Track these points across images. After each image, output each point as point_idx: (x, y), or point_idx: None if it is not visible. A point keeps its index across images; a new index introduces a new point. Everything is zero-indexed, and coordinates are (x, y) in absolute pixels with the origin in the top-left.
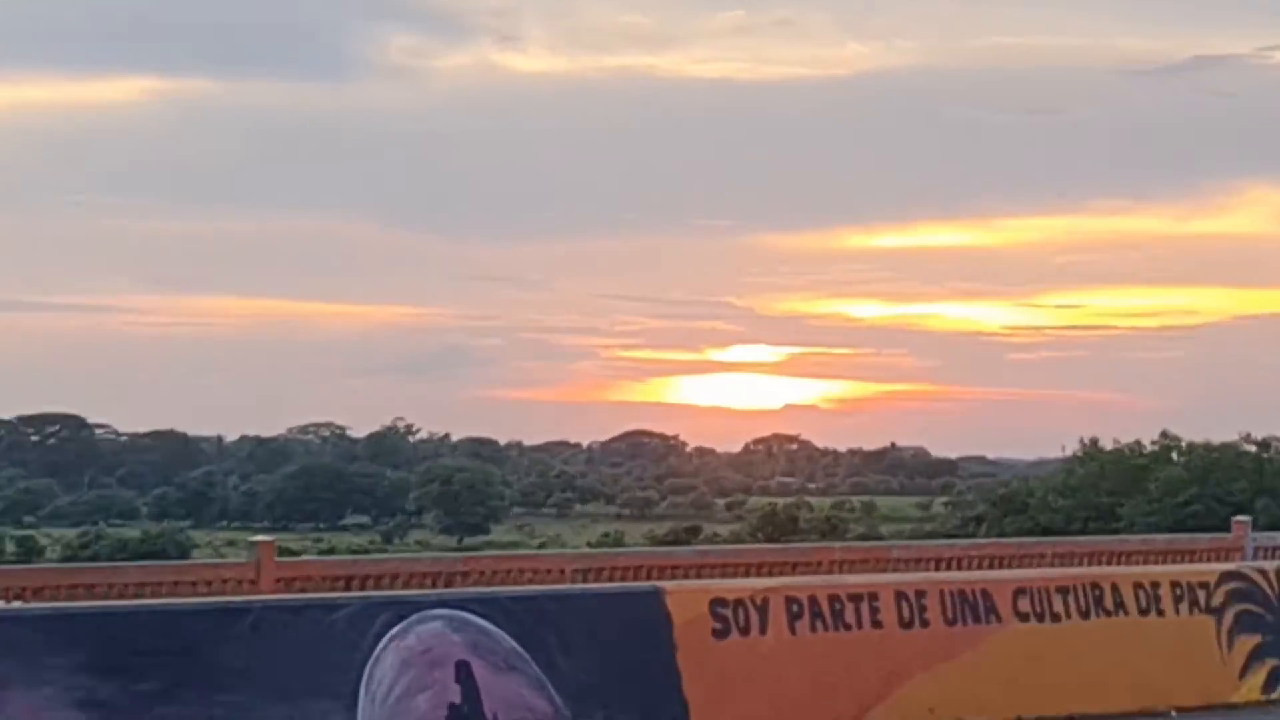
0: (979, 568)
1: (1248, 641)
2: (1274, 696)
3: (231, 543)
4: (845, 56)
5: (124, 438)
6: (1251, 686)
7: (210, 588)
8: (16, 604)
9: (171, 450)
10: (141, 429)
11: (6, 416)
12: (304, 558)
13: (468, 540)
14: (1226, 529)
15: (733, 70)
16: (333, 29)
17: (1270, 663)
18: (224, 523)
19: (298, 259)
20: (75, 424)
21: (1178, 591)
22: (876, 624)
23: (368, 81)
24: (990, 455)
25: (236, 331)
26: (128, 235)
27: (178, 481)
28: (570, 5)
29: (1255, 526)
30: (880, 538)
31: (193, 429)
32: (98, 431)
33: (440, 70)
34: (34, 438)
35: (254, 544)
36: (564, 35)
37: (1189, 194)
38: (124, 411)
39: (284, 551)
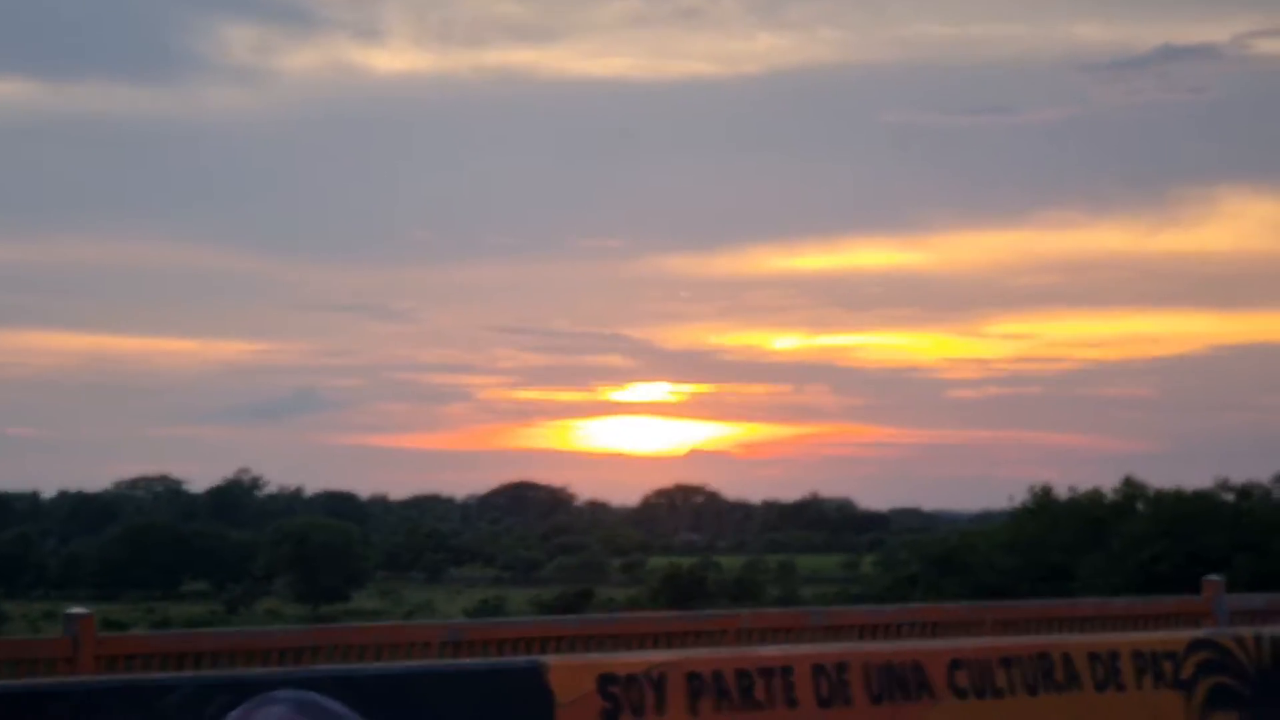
0: (911, 636)
1: None
2: None
3: (49, 615)
4: (758, 50)
5: None
6: None
7: (20, 668)
8: None
9: None
10: None
11: None
12: (132, 632)
13: (324, 609)
14: (1198, 589)
15: (628, 67)
16: (160, 22)
17: None
18: (40, 591)
19: (123, 287)
20: None
21: (1140, 662)
22: (791, 702)
23: (203, 83)
24: (926, 507)
25: (53, 371)
26: None
27: None
28: None
29: (1232, 587)
30: (799, 601)
31: (4, 484)
32: None
33: (287, 69)
34: None
35: (72, 616)
36: (432, 28)
37: (1155, 204)
38: None
39: (109, 624)
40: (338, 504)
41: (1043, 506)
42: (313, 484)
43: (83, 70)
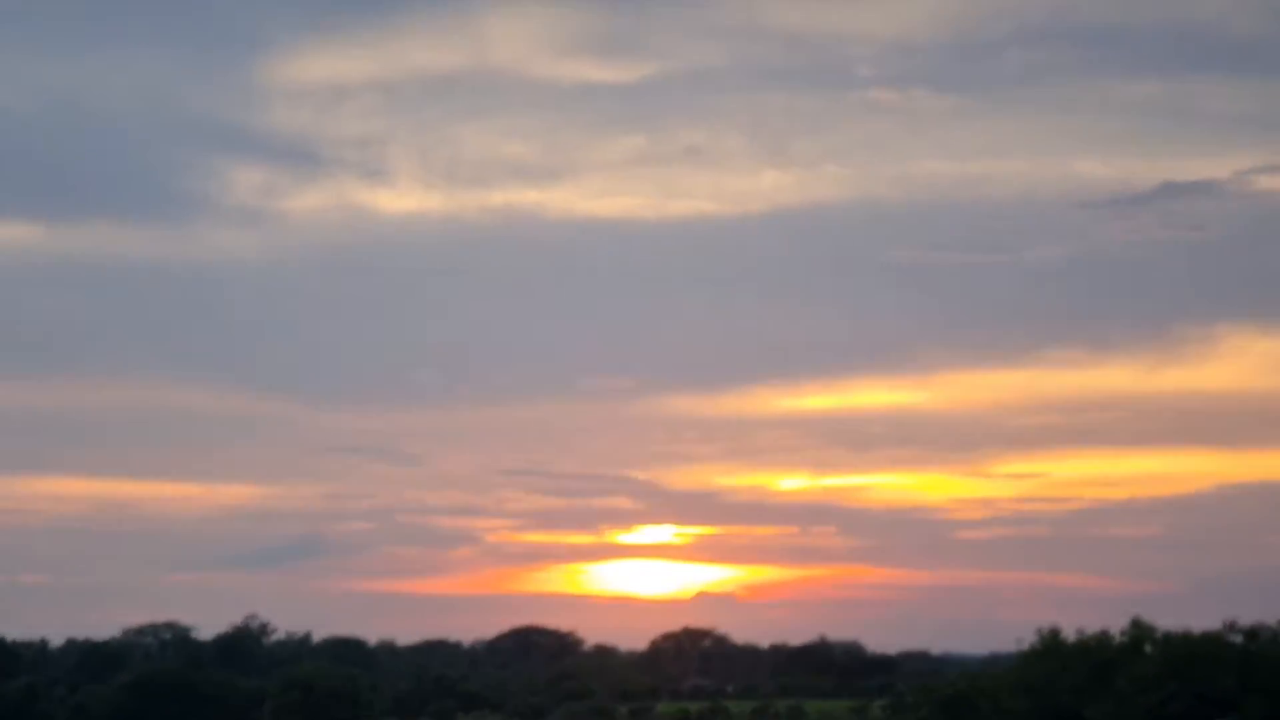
0: None
1: None
2: None
3: None
4: (762, 188)
5: None
6: None
7: None
8: None
9: None
10: None
11: None
12: None
13: None
14: None
15: (633, 206)
16: (165, 164)
17: None
18: None
19: (131, 431)
20: None
21: None
22: None
23: (208, 224)
24: (934, 650)
25: (60, 518)
26: None
27: None
28: (446, 134)
29: None
30: None
31: (10, 632)
32: None
33: (294, 210)
34: None
35: None
36: (438, 168)
37: (1157, 343)
38: None
39: None
40: (345, 650)
41: (1050, 649)
42: (320, 629)
43: (88, 212)
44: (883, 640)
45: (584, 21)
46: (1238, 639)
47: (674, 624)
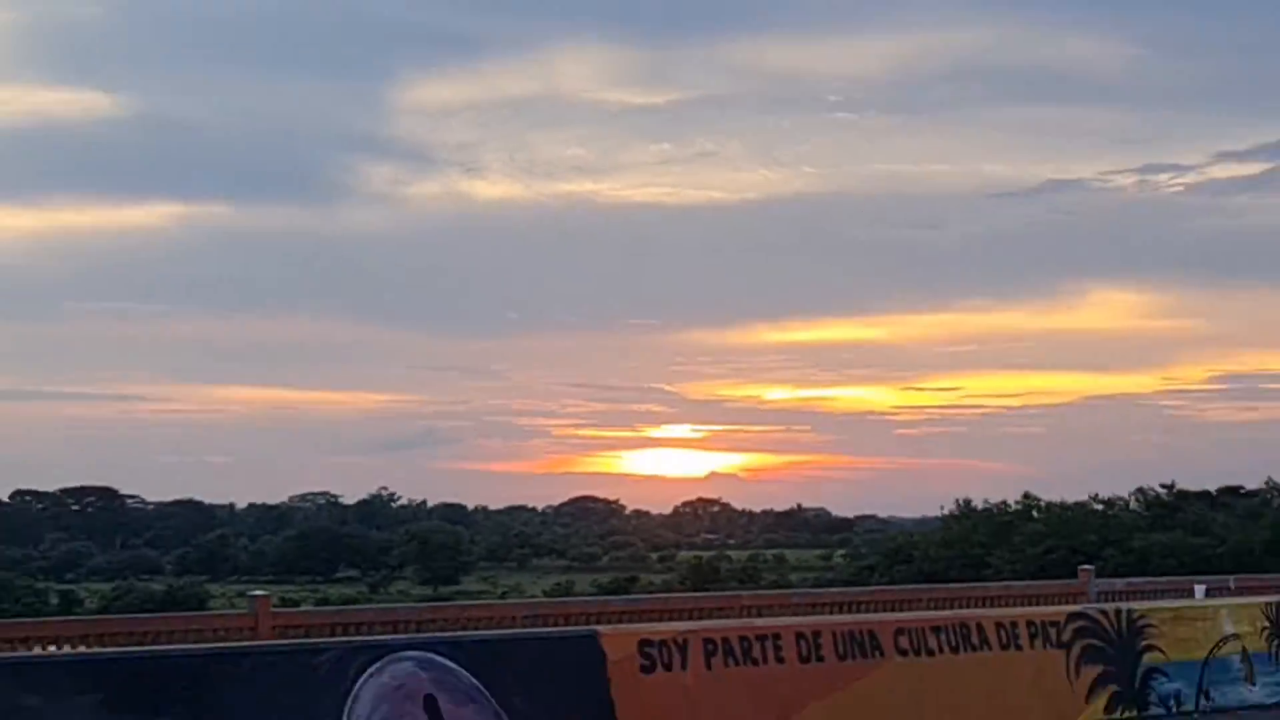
0: (868, 610)
1: (1091, 671)
2: (1114, 717)
3: (242, 595)
4: (757, 181)
5: (151, 506)
6: (1095, 709)
7: (217, 635)
8: (53, 650)
9: (191, 516)
10: (166, 498)
11: (50, 489)
12: (301, 608)
13: (442, 589)
14: (1075, 575)
15: (662, 194)
16: (324, 162)
17: (1110, 689)
18: (236, 577)
19: (296, 354)
20: (109, 495)
21: (1033, 629)
22: (780, 660)
23: (354, 205)
24: (882, 514)
25: (245, 416)
26: (155, 336)
27: (196, 543)
28: (524, 141)
29: (1099, 573)
30: (789, 585)
31: (208, 498)
32: (129, 501)
33: (413, 197)
34: (74, 507)
35: (254, 597)
36: (520, 165)
37: (1044, 295)
38: (151, 484)
39: (286, 602)
40: (450, 513)
41: (965, 514)
42: (433, 498)
43: (267, 196)
44: (844, 507)
45: (626, 59)
46: (1099, 507)
47: (691, 495)
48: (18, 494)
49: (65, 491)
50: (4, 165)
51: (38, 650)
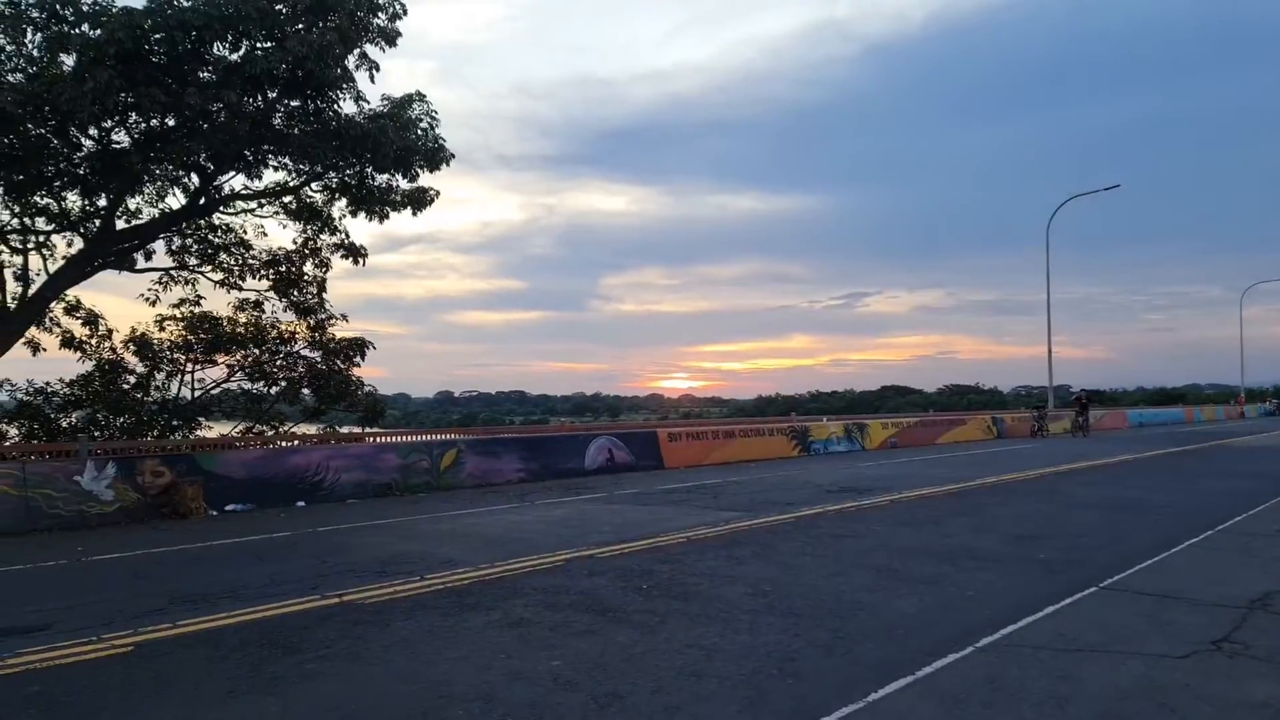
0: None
1: (797, 444)
2: (806, 456)
3: None
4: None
5: None
6: (800, 452)
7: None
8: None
9: None
10: None
11: None
12: None
13: None
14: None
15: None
16: None
17: (801, 445)
18: None
19: None
20: None
21: (781, 432)
22: (730, 435)
23: None
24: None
25: None
26: None
27: None
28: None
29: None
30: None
31: None
32: None
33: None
34: None
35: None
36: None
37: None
38: None
39: None
40: None
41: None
42: None
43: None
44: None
45: None
46: None
47: None
48: None
49: None
50: None
51: None
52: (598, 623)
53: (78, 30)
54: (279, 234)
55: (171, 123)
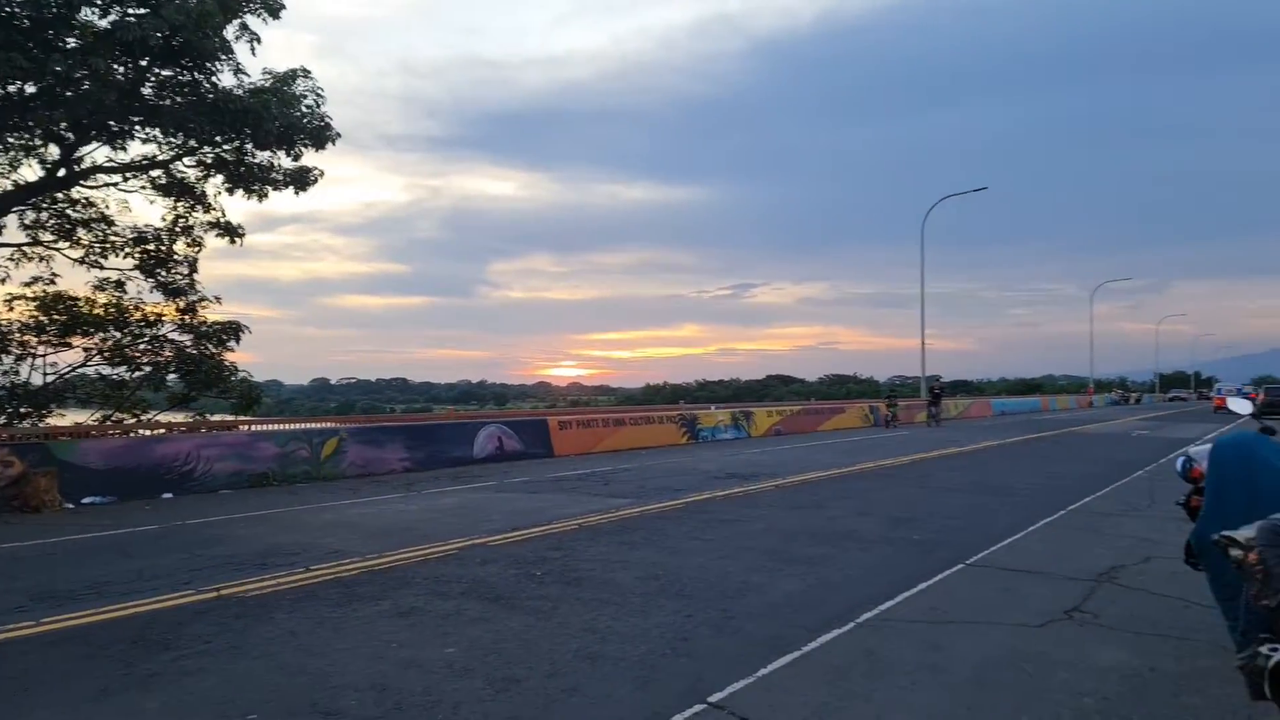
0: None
1: (686, 432)
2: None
3: None
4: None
5: None
6: (689, 440)
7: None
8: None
9: None
10: None
11: None
12: None
13: None
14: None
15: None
16: None
17: (690, 433)
18: None
19: None
20: None
21: (670, 420)
22: (620, 423)
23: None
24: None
25: None
26: None
27: None
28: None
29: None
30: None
31: None
32: None
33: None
34: None
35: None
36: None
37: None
38: None
39: None
40: None
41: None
42: None
43: None
44: None
45: None
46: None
47: None
48: None
49: None
50: None
51: None
52: (491, 610)
53: None
54: (148, 211)
55: (32, 89)
